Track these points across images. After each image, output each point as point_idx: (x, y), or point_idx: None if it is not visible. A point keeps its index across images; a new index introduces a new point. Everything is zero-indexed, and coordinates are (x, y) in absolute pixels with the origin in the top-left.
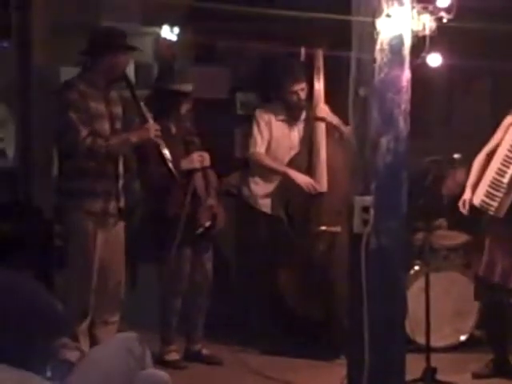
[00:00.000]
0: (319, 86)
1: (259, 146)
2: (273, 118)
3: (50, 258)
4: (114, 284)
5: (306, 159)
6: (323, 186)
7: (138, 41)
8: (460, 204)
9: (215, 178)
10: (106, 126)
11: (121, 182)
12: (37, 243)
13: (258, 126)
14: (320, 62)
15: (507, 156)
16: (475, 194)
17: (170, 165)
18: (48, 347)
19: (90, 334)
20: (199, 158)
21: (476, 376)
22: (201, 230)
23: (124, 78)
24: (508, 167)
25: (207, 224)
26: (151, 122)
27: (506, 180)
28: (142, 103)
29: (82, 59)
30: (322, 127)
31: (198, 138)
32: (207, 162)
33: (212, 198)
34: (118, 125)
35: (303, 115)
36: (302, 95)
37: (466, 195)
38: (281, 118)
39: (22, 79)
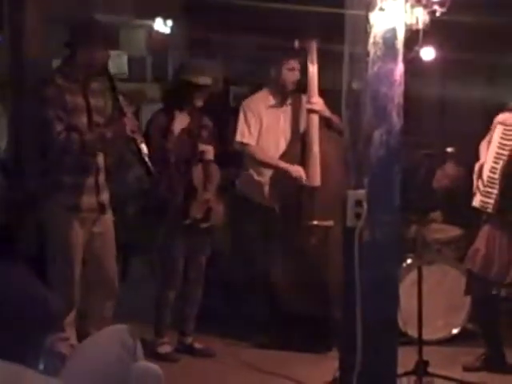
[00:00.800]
0: (313, 78)
1: (247, 138)
2: (262, 107)
3: (42, 251)
4: (106, 278)
5: (298, 154)
6: (316, 180)
7: (130, 33)
8: (476, 169)
9: (217, 172)
10: (83, 120)
11: (101, 176)
12: (29, 235)
13: (245, 116)
14: (314, 54)
15: (497, 153)
16: (475, 197)
17: (147, 159)
18: (41, 340)
19: (85, 329)
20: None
21: (467, 369)
22: (189, 221)
23: (104, 70)
24: (498, 163)
25: (198, 216)
26: (129, 116)
27: (497, 176)
28: (121, 97)
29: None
30: (315, 121)
31: (208, 131)
32: (210, 156)
33: (209, 192)
34: (99, 118)
35: (289, 99)
36: (297, 74)
37: (482, 159)
38: (270, 104)
39: (15, 72)
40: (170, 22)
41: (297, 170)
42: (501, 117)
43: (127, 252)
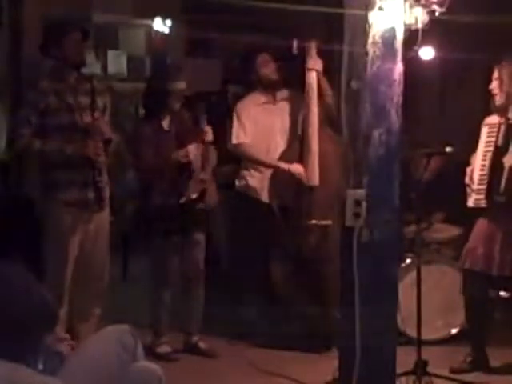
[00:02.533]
0: (311, 90)
1: (243, 139)
2: (254, 107)
3: (41, 250)
4: (95, 275)
5: (297, 153)
6: (315, 179)
7: (129, 33)
8: (468, 173)
9: (214, 154)
10: (69, 119)
11: (100, 172)
12: (28, 235)
13: (239, 118)
14: (313, 56)
15: (485, 151)
16: (469, 198)
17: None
18: (40, 340)
19: (71, 325)
20: (194, 151)
21: (453, 371)
22: (184, 199)
23: (80, 66)
24: (486, 160)
25: (193, 196)
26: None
27: (486, 171)
28: (99, 99)
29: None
30: (314, 120)
31: (195, 126)
32: (209, 137)
33: (206, 173)
34: (87, 116)
35: (279, 95)
36: (273, 66)
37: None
38: (261, 102)
39: (13, 70)
40: (169, 22)
41: (296, 168)
42: (487, 119)
43: (127, 252)
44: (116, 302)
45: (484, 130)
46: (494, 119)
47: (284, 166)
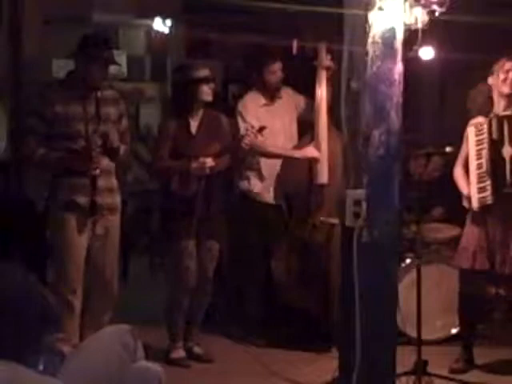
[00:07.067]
0: (321, 90)
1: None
2: (256, 107)
3: (42, 251)
4: (105, 280)
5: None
6: (324, 177)
7: (129, 33)
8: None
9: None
10: (79, 128)
11: (103, 177)
12: (29, 236)
13: (243, 117)
14: (323, 58)
15: (477, 150)
16: (472, 201)
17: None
18: (40, 340)
19: (80, 334)
20: (207, 164)
21: (453, 371)
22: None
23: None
24: (481, 158)
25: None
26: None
27: (485, 168)
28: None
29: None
30: (323, 120)
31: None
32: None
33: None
34: (106, 126)
35: (279, 94)
36: (280, 76)
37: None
38: (262, 103)
39: (14, 71)
40: (169, 22)
41: (311, 151)
42: (472, 122)
43: (127, 252)
44: (117, 302)
45: (471, 130)
46: (481, 119)
47: (299, 153)
